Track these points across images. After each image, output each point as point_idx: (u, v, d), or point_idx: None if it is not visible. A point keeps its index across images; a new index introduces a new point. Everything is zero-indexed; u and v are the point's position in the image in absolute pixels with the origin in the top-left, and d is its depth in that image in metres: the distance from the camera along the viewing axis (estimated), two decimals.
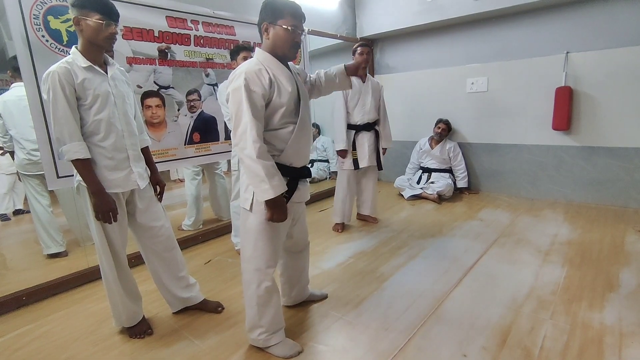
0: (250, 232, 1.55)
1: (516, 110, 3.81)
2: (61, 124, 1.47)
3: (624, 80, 3.20)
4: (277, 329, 1.64)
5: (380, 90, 3.13)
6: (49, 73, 1.46)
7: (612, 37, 3.20)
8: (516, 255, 2.51)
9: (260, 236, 1.54)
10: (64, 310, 2.12)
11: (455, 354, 1.57)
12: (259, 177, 1.39)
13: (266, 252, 1.56)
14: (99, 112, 1.55)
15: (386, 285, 2.21)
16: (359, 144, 3.07)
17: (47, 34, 2.14)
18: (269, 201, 1.42)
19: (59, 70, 1.46)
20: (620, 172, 3.35)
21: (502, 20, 3.74)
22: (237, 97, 1.39)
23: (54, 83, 1.45)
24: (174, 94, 2.81)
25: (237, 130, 1.40)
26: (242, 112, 1.38)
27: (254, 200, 1.51)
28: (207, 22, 2.95)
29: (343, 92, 2.96)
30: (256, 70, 1.41)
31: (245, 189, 1.54)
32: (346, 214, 3.22)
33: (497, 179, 4.09)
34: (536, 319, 1.79)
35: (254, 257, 1.56)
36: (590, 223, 3.04)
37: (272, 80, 1.44)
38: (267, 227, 1.54)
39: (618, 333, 1.65)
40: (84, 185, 1.57)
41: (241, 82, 1.38)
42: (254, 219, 1.54)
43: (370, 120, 3.07)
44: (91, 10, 1.47)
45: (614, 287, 2.04)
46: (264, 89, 1.41)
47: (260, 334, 1.61)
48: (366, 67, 3.16)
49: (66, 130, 1.48)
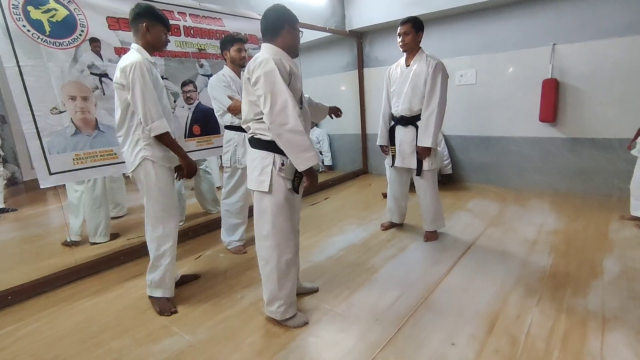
0: (267, 212, 1.66)
1: (504, 103, 3.85)
2: (150, 104, 1.74)
3: (607, 72, 3.26)
4: (293, 300, 1.78)
5: (426, 75, 2.42)
6: (134, 63, 1.72)
7: (597, 28, 3.24)
8: (504, 245, 2.55)
9: (279, 213, 1.65)
10: (50, 308, 2.09)
11: (444, 342, 1.60)
12: (302, 146, 1.53)
13: (285, 228, 1.68)
14: (161, 99, 1.84)
15: (376, 277, 2.22)
16: (396, 141, 2.65)
17: (27, 24, 2.09)
18: (309, 170, 1.58)
19: (143, 61, 1.75)
20: (604, 162, 3.42)
21: (490, 13, 3.75)
22: (270, 78, 1.52)
23: (142, 70, 1.72)
24: (168, 85, 2.76)
25: (275, 108, 1.52)
26: (278, 91, 1.51)
27: (272, 181, 1.62)
28: (195, 14, 2.90)
29: (386, 77, 2.71)
30: (278, 59, 1.57)
31: (261, 172, 1.64)
32: (394, 213, 2.95)
33: (485, 170, 4.13)
34: (523, 306, 1.83)
35: (273, 234, 1.67)
36: (575, 212, 3.10)
37: (290, 68, 1.61)
38: (286, 204, 1.66)
39: (601, 318, 1.69)
40: (149, 160, 1.83)
41: (273, 65, 1.52)
42: (273, 199, 1.64)
43: (405, 113, 2.55)
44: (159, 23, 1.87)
45: (597, 274, 2.08)
46: (287, 75, 1.58)
47: (279, 307, 1.74)
48: (407, 46, 2.47)
49: (154, 109, 1.76)
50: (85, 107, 2.35)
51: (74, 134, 2.30)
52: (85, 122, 2.35)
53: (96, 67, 2.38)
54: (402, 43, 2.48)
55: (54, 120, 2.22)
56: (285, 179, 1.64)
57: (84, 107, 2.34)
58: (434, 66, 2.40)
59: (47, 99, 2.18)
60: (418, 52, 2.50)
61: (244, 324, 1.82)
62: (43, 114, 2.17)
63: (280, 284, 1.71)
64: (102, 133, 2.43)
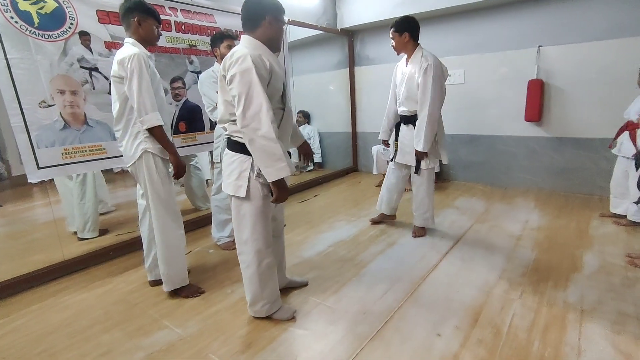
0: (246, 218, 1.62)
1: (492, 102, 3.92)
2: (145, 96, 1.74)
3: (590, 73, 3.35)
4: (276, 297, 1.79)
5: (416, 75, 2.41)
6: (133, 55, 1.73)
7: (580, 32, 3.34)
8: (490, 240, 2.62)
9: (258, 220, 1.62)
10: (38, 303, 2.08)
11: (430, 334, 1.64)
12: (275, 156, 1.45)
13: (264, 233, 1.65)
14: (157, 93, 1.85)
15: (365, 271, 2.26)
16: (399, 137, 2.70)
17: (15, 15, 2.06)
18: (279, 182, 1.50)
19: (141, 53, 1.76)
20: (586, 162, 3.52)
21: (478, 14, 3.82)
22: (246, 78, 1.42)
23: (139, 62, 1.73)
24: None
25: (248, 112, 1.43)
26: (254, 93, 1.42)
27: (250, 187, 1.57)
28: (186, 9, 2.89)
29: (393, 75, 2.71)
30: (257, 55, 1.47)
31: (238, 177, 1.58)
32: (383, 203, 2.95)
33: (473, 168, 4.21)
34: (506, 299, 1.89)
35: (253, 240, 1.64)
36: (558, 210, 3.19)
37: (271, 65, 1.51)
38: (264, 210, 1.62)
39: (579, 310, 1.76)
40: (149, 153, 1.85)
41: (250, 64, 1.42)
42: (251, 205, 1.60)
43: (404, 112, 2.60)
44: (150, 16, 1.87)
45: (577, 268, 2.16)
46: (267, 73, 1.48)
47: (263, 306, 1.75)
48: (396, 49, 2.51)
49: (149, 101, 1.76)
50: (74, 101, 2.33)
51: (62, 128, 2.28)
52: (74, 117, 2.33)
53: (86, 60, 2.36)
54: (393, 47, 2.53)
55: (43, 114, 2.20)
56: (263, 185, 1.59)
57: (73, 101, 2.32)
58: (425, 69, 2.37)
59: (36, 93, 2.16)
60: (415, 52, 2.47)
61: (233, 318, 1.84)
62: (31, 108, 2.15)
63: (262, 286, 1.71)
64: (91, 128, 2.41)
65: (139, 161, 1.87)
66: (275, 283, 1.77)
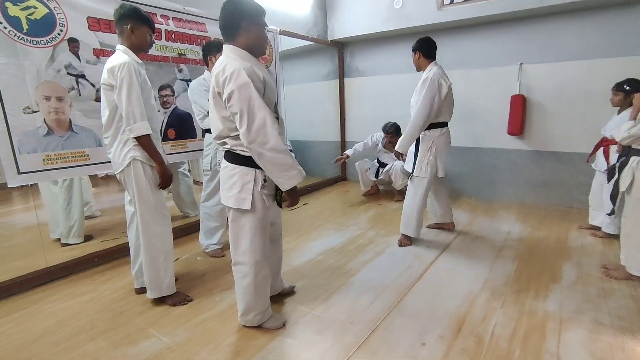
0: (246, 229, 1.63)
1: (476, 116, 4.05)
2: (134, 105, 1.75)
3: (569, 91, 3.51)
4: (267, 306, 1.80)
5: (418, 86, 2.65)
6: (123, 64, 1.73)
7: (559, 51, 3.50)
8: (473, 252, 2.69)
9: (257, 232, 1.63)
10: (19, 311, 2.03)
11: (415, 343, 1.68)
12: (286, 165, 1.48)
13: (262, 245, 1.67)
14: (148, 101, 1.87)
15: (353, 280, 2.29)
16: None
17: (4, 21, 2.05)
18: (292, 188, 1.54)
19: (132, 62, 1.77)
20: (565, 175, 3.66)
21: (464, 31, 3.96)
22: (245, 93, 1.40)
23: (130, 71, 1.73)
24: None
25: (253, 127, 1.42)
26: (256, 108, 1.41)
27: (254, 199, 1.57)
28: (178, 17, 2.91)
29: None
30: (248, 67, 1.44)
31: (241, 189, 1.57)
32: (430, 213, 3.18)
33: (459, 181, 4.31)
34: (489, 308, 1.95)
35: (251, 251, 1.65)
36: (539, 222, 3.30)
37: (264, 77, 1.50)
38: (264, 222, 1.65)
39: (559, 319, 1.83)
40: (138, 161, 1.84)
41: (246, 78, 1.40)
42: (253, 217, 1.61)
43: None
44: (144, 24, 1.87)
45: (557, 279, 2.24)
46: (262, 84, 1.47)
47: (255, 315, 1.75)
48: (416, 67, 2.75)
49: (138, 110, 1.76)
50: (59, 108, 2.31)
51: (46, 134, 2.26)
52: (58, 123, 2.31)
53: (73, 67, 2.35)
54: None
55: (26, 120, 2.17)
56: (268, 196, 1.62)
57: (58, 107, 2.30)
58: (421, 82, 2.61)
59: (21, 98, 2.14)
60: (426, 70, 2.68)
61: (221, 326, 1.84)
62: (15, 113, 2.12)
63: (256, 297, 1.72)
64: (76, 134, 2.39)
65: (127, 168, 1.87)
66: (268, 293, 1.78)
